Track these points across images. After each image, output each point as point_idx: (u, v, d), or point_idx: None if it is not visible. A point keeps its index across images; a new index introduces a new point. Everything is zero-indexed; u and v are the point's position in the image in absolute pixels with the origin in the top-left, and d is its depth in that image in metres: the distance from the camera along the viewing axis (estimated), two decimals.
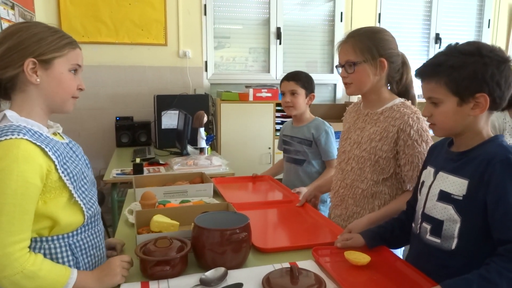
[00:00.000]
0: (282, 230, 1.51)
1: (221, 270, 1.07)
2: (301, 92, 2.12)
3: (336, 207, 1.58)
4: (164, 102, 3.35)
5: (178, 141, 3.11)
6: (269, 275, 1.05)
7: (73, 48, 1.07)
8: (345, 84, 1.46)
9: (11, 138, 0.93)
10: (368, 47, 1.38)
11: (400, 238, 1.26)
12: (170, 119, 3.37)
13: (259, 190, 2.05)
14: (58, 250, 1.01)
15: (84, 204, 1.04)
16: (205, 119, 2.87)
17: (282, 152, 2.34)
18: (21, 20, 2.75)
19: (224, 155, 3.23)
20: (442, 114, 1.06)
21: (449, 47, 1.05)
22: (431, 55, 4.99)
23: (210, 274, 1.05)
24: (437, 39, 4.28)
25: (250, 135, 3.47)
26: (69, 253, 1.02)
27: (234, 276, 1.07)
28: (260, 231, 1.44)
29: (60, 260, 1.01)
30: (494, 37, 4.43)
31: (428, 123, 1.36)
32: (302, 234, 1.42)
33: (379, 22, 4.10)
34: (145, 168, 2.47)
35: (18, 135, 0.94)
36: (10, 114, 0.99)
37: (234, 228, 1.11)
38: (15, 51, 0.99)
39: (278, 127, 3.56)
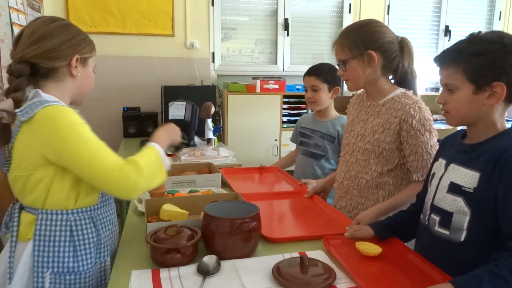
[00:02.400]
0: (291, 220, 1.51)
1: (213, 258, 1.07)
2: (323, 87, 2.03)
3: (340, 199, 1.58)
4: (171, 93, 3.35)
5: (185, 132, 3.11)
6: (279, 264, 1.05)
7: (95, 51, 1.25)
8: (345, 81, 1.49)
9: (54, 105, 1.04)
10: (355, 43, 1.39)
11: (410, 230, 1.25)
12: (177, 110, 3.37)
13: (267, 181, 2.05)
14: (83, 222, 1.09)
15: None
16: (212, 110, 2.86)
17: (289, 144, 2.31)
18: (29, 9, 2.75)
19: (231, 146, 3.23)
20: (456, 102, 1.04)
21: (471, 35, 1.03)
22: (440, 48, 4.93)
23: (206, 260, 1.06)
24: (447, 31, 4.22)
25: (257, 127, 3.47)
26: (92, 225, 1.11)
27: (244, 265, 1.08)
28: (269, 221, 1.44)
29: (85, 231, 1.09)
30: (505, 30, 4.37)
31: (430, 113, 1.37)
32: (311, 225, 1.42)
33: (387, 14, 4.06)
34: None
35: (59, 104, 1.07)
36: (42, 93, 1.10)
37: (244, 217, 1.11)
38: (67, 45, 1.12)
39: (285, 119, 3.55)
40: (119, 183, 1.01)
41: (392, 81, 1.48)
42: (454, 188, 1.05)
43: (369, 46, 1.38)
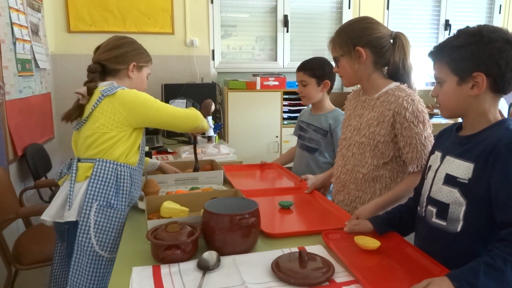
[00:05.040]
0: (290, 216, 1.52)
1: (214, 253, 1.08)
2: (311, 81, 2.05)
3: (338, 193, 1.59)
4: (171, 91, 3.36)
5: None
6: (278, 259, 1.06)
7: (151, 63, 1.70)
8: (340, 77, 1.54)
9: (128, 89, 1.51)
10: (344, 41, 1.43)
11: (409, 224, 1.26)
12: None
13: (268, 177, 2.06)
14: (124, 174, 1.47)
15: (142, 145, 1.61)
16: (213, 107, 2.86)
17: (290, 141, 2.32)
18: (29, 9, 2.76)
19: (232, 143, 3.24)
20: (444, 94, 1.08)
21: (459, 30, 1.07)
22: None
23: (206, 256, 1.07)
24: (447, 25, 4.21)
25: (257, 124, 3.47)
26: (129, 179, 1.49)
27: (244, 260, 1.09)
28: (269, 217, 1.45)
29: (125, 181, 1.47)
30: (505, 23, 4.35)
31: (424, 105, 1.40)
32: (310, 220, 1.43)
33: (387, 9, 4.05)
34: (153, 157, 2.49)
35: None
36: (116, 83, 1.53)
37: (243, 213, 1.12)
38: (128, 55, 1.58)
39: (285, 115, 3.55)
40: (190, 116, 1.60)
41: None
42: (450, 180, 1.07)
43: (357, 43, 1.41)
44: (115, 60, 1.55)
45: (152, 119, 1.51)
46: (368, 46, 1.41)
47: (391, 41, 1.43)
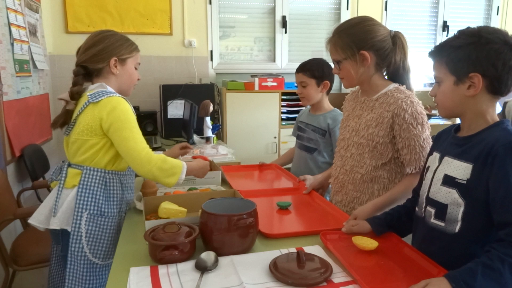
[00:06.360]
0: (289, 216, 1.52)
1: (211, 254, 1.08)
2: (311, 82, 2.05)
3: (336, 193, 1.59)
4: (170, 92, 3.36)
5: (184, 131, 3.12)
6: (276, 259, 1.06)
7: (137, 51, 1.58)
8: (340, 79, 1.52)
9: (116, 96, 1.43)
10: (348, 44, 1.41)
11: (407, 225, 1.26)
12: (176, 109, 3.38)
13: (266, 178, 2.06)
14: (114, 181, 1.46)
15: None
16: (211, 108, 2.87)
17: (289, 141, 2.33)
18: (27, 10, 2.75)
19: (230, 144, 3.24)
20: (441, 93, 1.09)
21: (459, 31, 1.08)
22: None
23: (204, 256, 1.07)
24: (445, 27, 4.22)
25: (255, 124, 3.47)
26: (119, 186, 1.48)
27: (242, 261, 1.09)
28: (267, 217, 1.45)
29: (114, 187, 1.46)
30: (503, 25, 4.37)
31: (422, 106, 1.41)
32: (308, 221, 1.43)
33: (385, 10, 4.06)
34: None
35: (119, 96, 1.45)
36: (106, 85, 1.49)
37: (241, 213, 1.12)
38: (105, 51, 1.48)
39: (284, 116, 3.55)
40: (142, 162, 1.38)
41: (386, 76, 1.49)
42: (448, 180, 1.07)
43: (361, 46, 1.39)
44: (93, 59, 1.47)
45: (114, 139, 1.41)
46: (372, 49, 1.40)
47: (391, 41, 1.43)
